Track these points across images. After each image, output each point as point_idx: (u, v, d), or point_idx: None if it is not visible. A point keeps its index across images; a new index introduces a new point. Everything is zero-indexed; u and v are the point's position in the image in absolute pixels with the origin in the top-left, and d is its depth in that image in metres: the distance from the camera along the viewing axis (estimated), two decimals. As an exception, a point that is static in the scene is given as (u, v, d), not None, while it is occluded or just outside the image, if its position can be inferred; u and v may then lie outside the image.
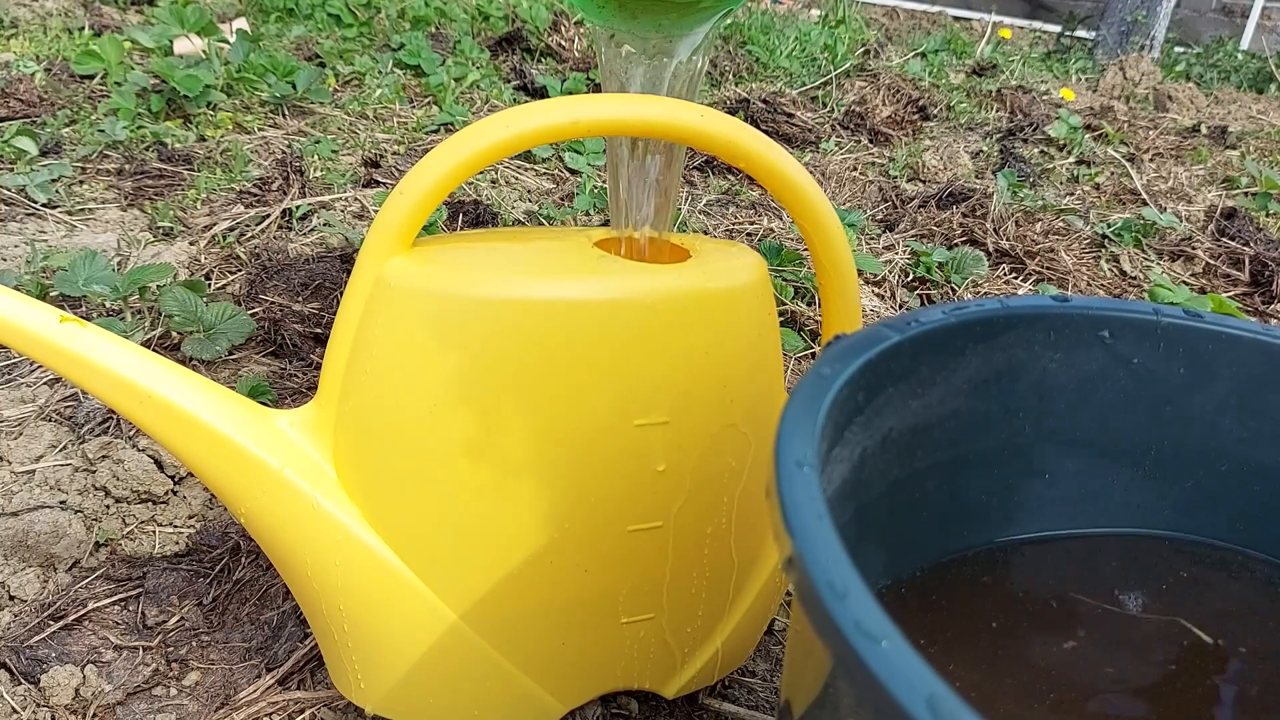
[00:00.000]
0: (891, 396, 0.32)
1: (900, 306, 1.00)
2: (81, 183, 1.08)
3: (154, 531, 0.60)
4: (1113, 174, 1.48)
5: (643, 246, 0.46)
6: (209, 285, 0.88)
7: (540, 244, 0.43)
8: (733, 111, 1.49)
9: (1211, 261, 1.16)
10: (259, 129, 1.28)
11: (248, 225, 1.00)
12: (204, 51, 1.37)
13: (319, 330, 0.82)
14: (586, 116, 0.37)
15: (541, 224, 1.09)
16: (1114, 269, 1.12)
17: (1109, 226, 1.22)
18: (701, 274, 0.40)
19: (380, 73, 1.54)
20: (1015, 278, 1.09)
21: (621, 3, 0.38)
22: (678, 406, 0.40)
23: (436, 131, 1.35)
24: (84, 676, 0.49)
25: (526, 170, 1.25)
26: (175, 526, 0.61)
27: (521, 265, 0.39)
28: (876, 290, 1.02)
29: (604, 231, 0.46)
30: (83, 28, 1.65)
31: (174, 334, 0.78)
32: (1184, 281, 1.12)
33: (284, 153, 1.20)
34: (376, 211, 0.78)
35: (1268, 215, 1.37)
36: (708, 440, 0.41)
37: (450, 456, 0.38)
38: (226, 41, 1.39)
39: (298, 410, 0.41)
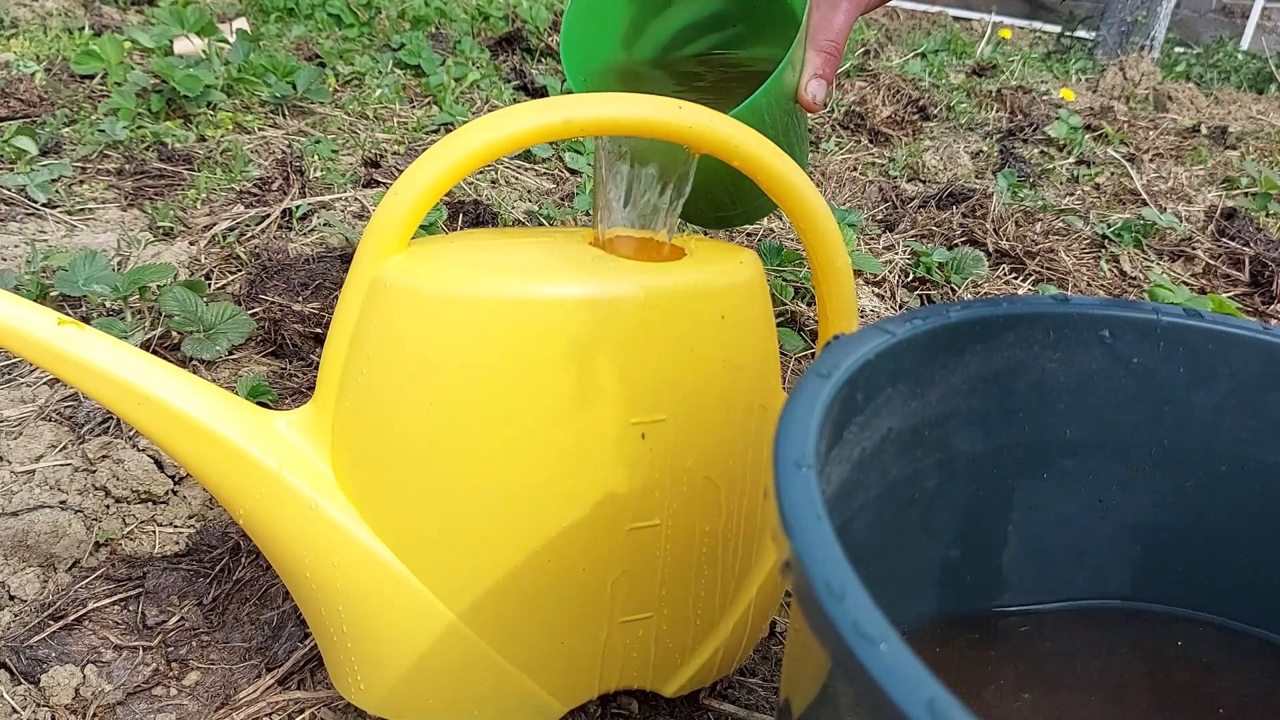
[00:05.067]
0: (891, 396, 0.32)
1: (900, 306, 1.00)
2: (81, 183, 1.08)
3: (154, 531, 0.60)
4: (1113, 174, 1.48)
5: (638, 246, 0.46)
6: (209, 285, 0.88)
7: (536, 243, 0.43)
8: (733, 111, 1.49)
9: (1211, 262, 1.16)
10: (259, 129, 1.28)
11: (248, 225, 1.00)
12: (204, 51, 1.37)
13: (319, 330, 0.82)
14: (579, 116, 0.37)
15: (541, 224, 1.09)
16: (1114, 269, 1.12)
17: (1109, 227, 1.21)
18: (697, 272, 0.40)
19: (380, 73, 1.54)
20: (1015, 278, 1.08)
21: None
22: (674, 405, 0.40)
23: (436, 131, 1.35)
24: (84, 676, 0.49)
25: (526, 170, 1.25)
26: (175, 526, 0.61)
27: (517, 264, 0.39)
28: (876, 290, 1.02)
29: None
30: (83, 28, 1.65)
31: (174, 334, 0.78)
32: (1184, 282, 1.12)
33: (284, 153, 1.20)
34: (376, 212, 0.78)
35: (1268, 215, 1.37)
36: (705, 438, 0.41)
37: (447, 456, 0.38)
38: (226, 41, 1.38)
39: (295, 411, 0.41)
